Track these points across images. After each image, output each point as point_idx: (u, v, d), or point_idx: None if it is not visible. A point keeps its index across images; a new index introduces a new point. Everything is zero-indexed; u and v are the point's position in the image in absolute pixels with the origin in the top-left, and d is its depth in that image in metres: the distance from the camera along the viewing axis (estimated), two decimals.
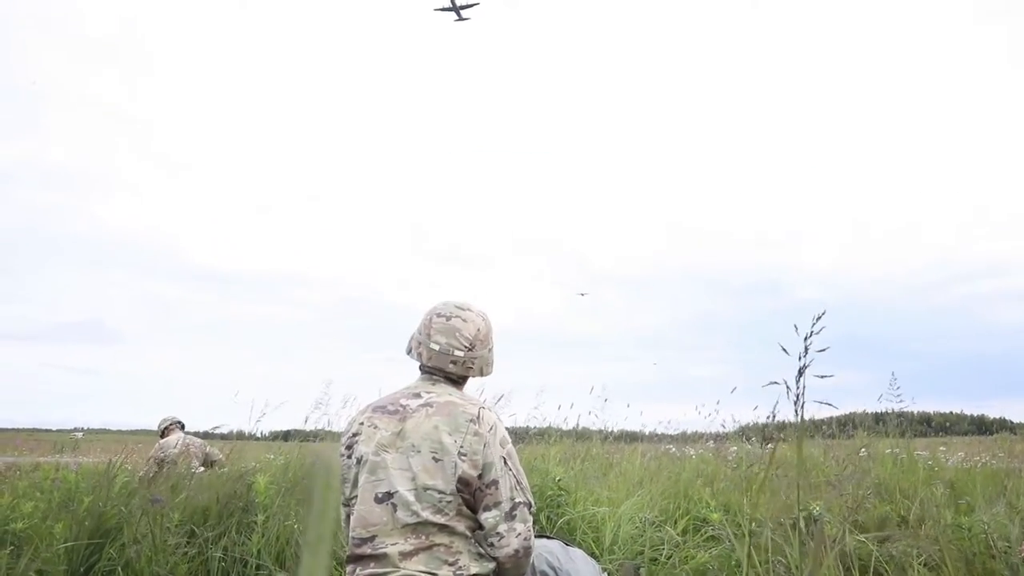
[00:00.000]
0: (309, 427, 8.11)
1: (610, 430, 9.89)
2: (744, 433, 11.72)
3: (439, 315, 2.70)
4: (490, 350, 2.79)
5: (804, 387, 2.42)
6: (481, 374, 2.75)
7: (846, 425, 11.58)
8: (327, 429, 8.10)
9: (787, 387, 2.41)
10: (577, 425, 9.58)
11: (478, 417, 2.55)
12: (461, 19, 58.85)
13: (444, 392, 2.69)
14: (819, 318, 2.35)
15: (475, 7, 55.94)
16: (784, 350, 2.32)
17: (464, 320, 2.70)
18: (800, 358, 2.35)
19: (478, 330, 2.72)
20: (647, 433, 13.12)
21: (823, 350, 2.35)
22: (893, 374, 6.65)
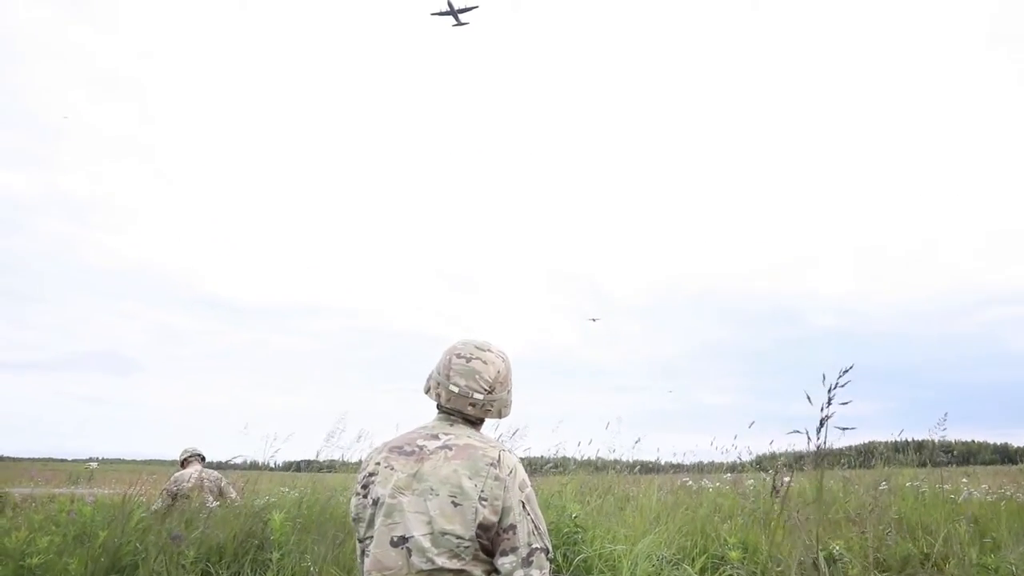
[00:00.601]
0: (322, 458, 8.09)
1: (626, 460, 9.74)
2: (761, 464, 11.55)
3: (459, 356, 2.67)
4: (509, 392, 2.76)
5: (826, 437, 2.40)
6: (499, 416, 2.72)
7: (865, 455, 11.40)
8: (340, 460, 8.08)
9: (808, 437, 2.38)
10: (593, 456, 9.46)
11: (498, 461, 2.53)
12: (460, 24, 57.40)
13: (463, 434, 2.67)
14: (845, 371, 2.33)
15: (474, 10, 55.23)
16: (808, 399, 2.29)
17: (484, 362, 2.67)
18: (823, 408, 2.33)
19: (498, 372, 2.69)
20: (663, 463, 12.93)
21: (846, 403, 2.33)
22: (946, 415, 6.34)
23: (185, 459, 7.73)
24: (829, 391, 2.31)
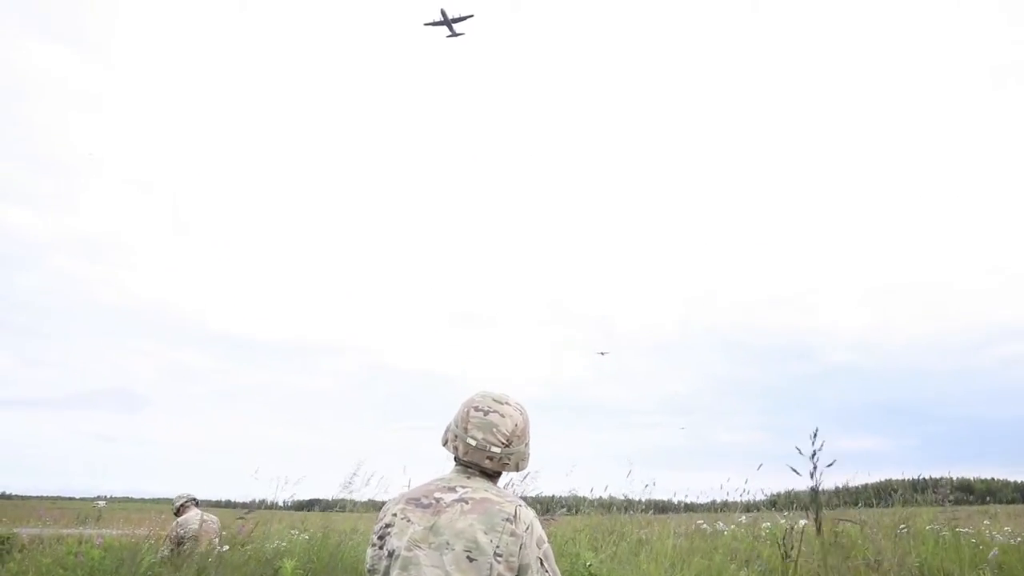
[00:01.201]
0: (331, 496, 8.05)
1: (639, 500, 9.59)
2: (776, 503, 11.35)
3: (476, 409, 2.68)
4: (527, 445, 2.76)
5: (820, 481, 2.36)
6: (516, 469, 2.70)
7: (883, 493, 11.18)
8: (350, 500, 8.03)
9: (806, 511, 2.34)
10: (606, 497, 9.30)
11: (515, 516, 2.50)
12: (454, 35, 55.19)
13: (480, 487, 2.64)
14: (814, 435, 2.31)
15: (469, 20, 53.28)
16: (795, 471, 2.26)
17: (502, 415, 2.68)
18: (812, 475, 2.30)
19: (516, 425, 2.69)
20: (677, 502, 12.72)
21: (831, 464, 2.29)
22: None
23: (181, 506, 7.69)
24: (812, 458, 2.29)
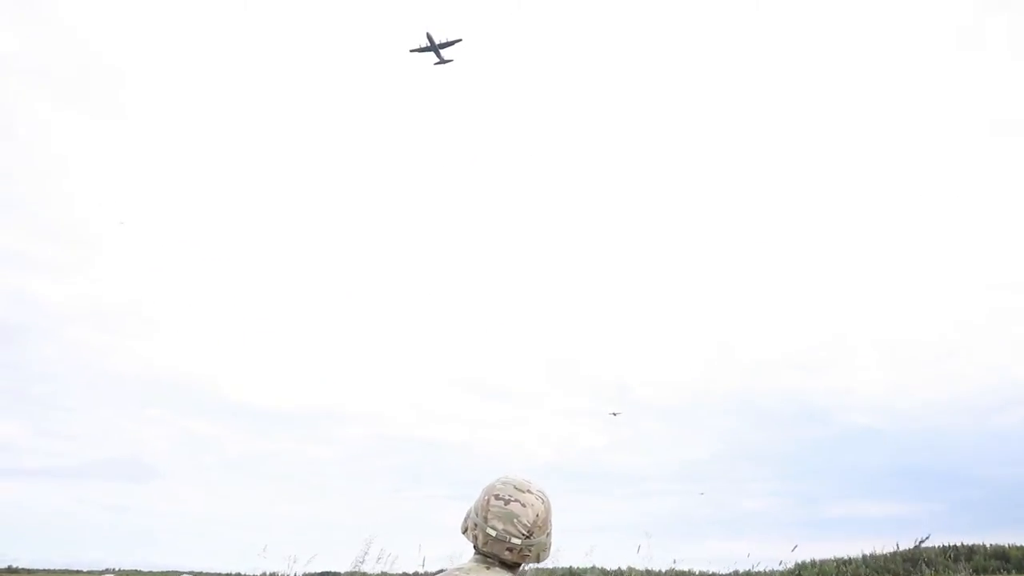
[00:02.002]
0: (343, 571, 7.98)
1: (661, 572, 9.37)
2: (799, 572, 11.05)
3: (497, 497, 2.60)
4: (548, 535, 2.70)
5: None
6: (537, 560, 2.66)
7: (911, 561, 10.79)
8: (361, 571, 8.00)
9: None
10: (625, 569, 9.12)
11: None
12: (442, 61, 52.25)
13: None
14: None
15: (457, 44, 50.45)
16: None
17: (523, 504, 2.59)
18: None
19: (537, 515, 2.60)
20: (698, 574, 12.47)
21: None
22: None
23: None
24: None
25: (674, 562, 9.51)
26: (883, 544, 10.00)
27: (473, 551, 2.66)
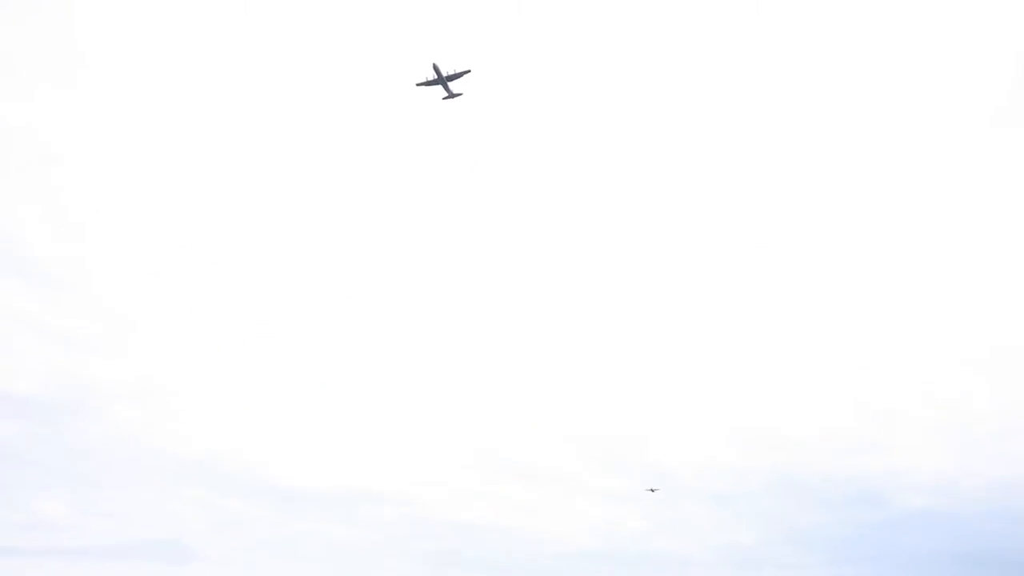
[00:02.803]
0: None
1: None
2: None
3: None
4: None
5: None
6: None
7: None
8: None
9: None
10: None
11: None
12: (451, 95, 49.99)
13: None
14: None
15: (466, 75, 48.25)
16: None
17: None
18: None
19: None
20: None
21: None
22: None
23: None
24: None
25: None
26: None
27: None
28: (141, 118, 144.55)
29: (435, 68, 49.38)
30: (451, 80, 49.52)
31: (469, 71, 48.60)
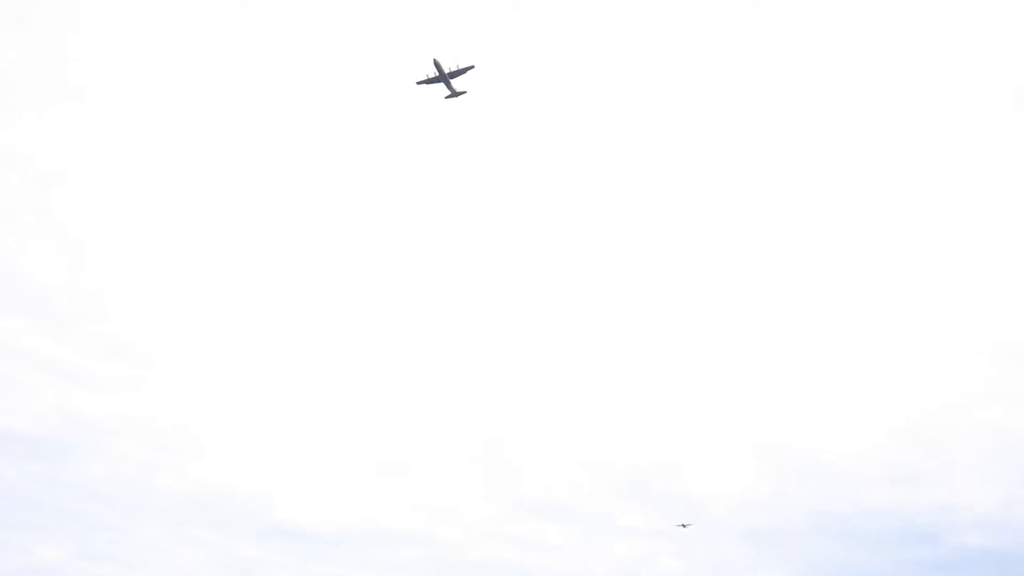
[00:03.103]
0: None
1: None
2: None
3: None
4: None
5: None
6: None
7: None
8: None
9: None
10: None
11: None
12: (455, 94, 47.05)
13: None
14: None
15: (470, 72, 44.83)
16: None
17: None
18: None
19: None
20: None
21: None
22: None
23: None
24: None
25: None
26: None
27: None
28: (140, 131, 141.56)
29: (436, 64, 45.18)
30: (454, 77, 45.19)
31: (473, 67, 44.31)
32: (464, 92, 47.83)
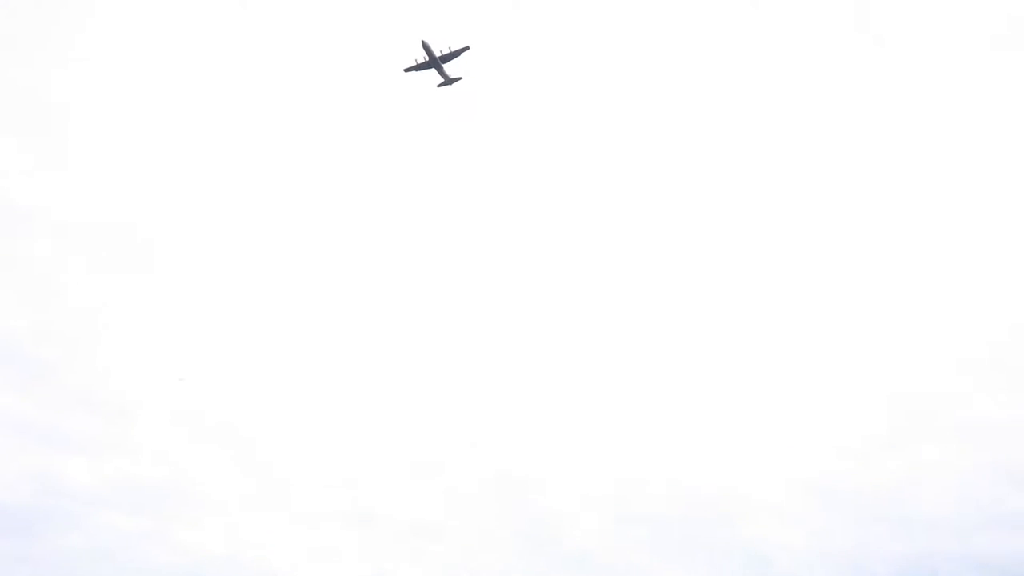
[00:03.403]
0: None
1: None
2: None
3: None
4: None
5: None
6: None
7: None
8: None
9: None
10: None
11: None
12: (448, 81, 43.81)
13: None
14: None
15: (464, 53, 41.08)
16: None
17: None
18: None
19: None
20: None
21: None
22: None
23: None
24: None
25: None
26: None
27: None
28: (113, 157, 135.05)
29: (425, 47, 41.13)
30: (446, 61, 41.17)
31: (468, 48, 39.47)
32: (459, 79, 43.99)
